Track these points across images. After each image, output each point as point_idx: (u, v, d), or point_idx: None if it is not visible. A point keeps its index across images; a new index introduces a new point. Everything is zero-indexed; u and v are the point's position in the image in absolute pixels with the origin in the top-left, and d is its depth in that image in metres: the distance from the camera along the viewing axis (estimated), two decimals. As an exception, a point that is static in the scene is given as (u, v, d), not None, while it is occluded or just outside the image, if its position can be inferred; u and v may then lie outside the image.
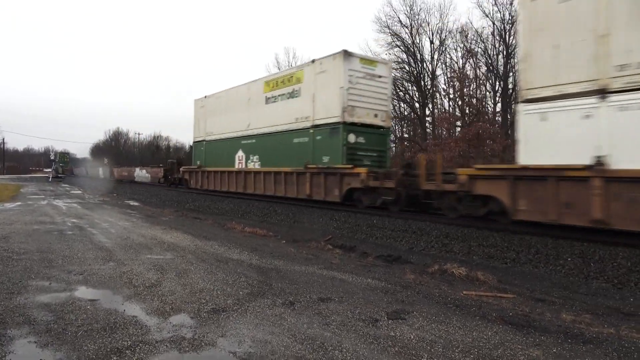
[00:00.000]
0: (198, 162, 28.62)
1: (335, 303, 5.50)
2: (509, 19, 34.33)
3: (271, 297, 5.65)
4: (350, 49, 17.35)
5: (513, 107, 36.36)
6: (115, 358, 3.67)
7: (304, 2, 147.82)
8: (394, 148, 46.53)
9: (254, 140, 22.61)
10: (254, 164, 22.11)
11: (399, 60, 40.30)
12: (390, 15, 40.87)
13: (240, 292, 5.83)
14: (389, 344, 4.19)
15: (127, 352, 3.80)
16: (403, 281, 6.89)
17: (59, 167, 70.55)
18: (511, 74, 34.87)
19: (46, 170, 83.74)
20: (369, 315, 5.06)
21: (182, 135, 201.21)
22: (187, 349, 3.92)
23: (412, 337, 4.39)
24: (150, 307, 5.08)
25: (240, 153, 23.43)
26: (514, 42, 34.22)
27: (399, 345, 4.15)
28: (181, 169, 32.51)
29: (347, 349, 4.01)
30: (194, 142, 29.86)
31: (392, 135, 46.39)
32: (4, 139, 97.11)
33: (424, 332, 4.53)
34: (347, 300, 5.62)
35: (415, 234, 11.69)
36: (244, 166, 23.07)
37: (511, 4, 33.98)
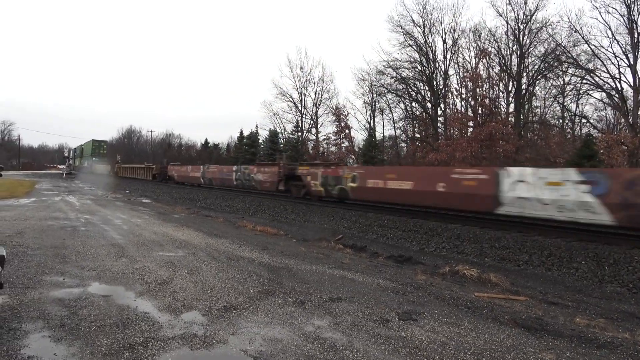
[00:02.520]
0: None
1: (346, 303, 5.48)
2: (523, 18, 33.92)
3: (282, 296, 5.65)
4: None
5: (526, 107, 35.99)
6: (127, 354, 3.70)
7: (316, 1, 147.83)
8: (405, 148, 46.37)
9: None
10: None
11: (411, 59, 40.05)
12: (403, 15, 40.52)
13: (251, 290, 5.85)
14: (400, 344, 4.17)
15: (139, 348, 3.82)
16: (414, 282, 6.86)
17: (92, 161, 64.26)
18: (524, 74, 34.52)
19: (60, 166, 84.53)
20: (379, 315, 5.04)
21: (193, 134, 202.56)
22: (199, 346, 3.93)
23: (423, 338, 4.36)
24: (162, 304, 5.11)
25: None
26: (528, 41, 33.90)
27: (410, 347, 4.13)
28: None
29: (358, 349, 4.00)
30: None
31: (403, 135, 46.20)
32: (19, 136, 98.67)
33: (435, 334, 4.50)
34: (358, 300, 5.60)
35: (427, 234, 11.63)
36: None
37: (525, 3, 33.56)
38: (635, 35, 27.50)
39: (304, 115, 52.73)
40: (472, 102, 36.94)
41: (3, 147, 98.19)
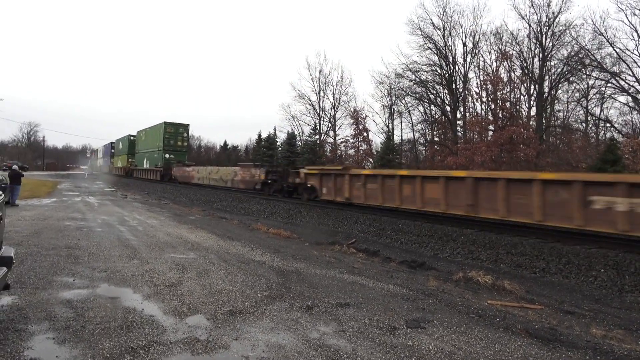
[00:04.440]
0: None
1: (354, 309, 5.39)
2: (545, 21, 33.30)
3: (289, 301, 5.59)
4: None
5: (549, 111, 35.30)
6: (129, 358, 3.68)
7: (335, 4, 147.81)
8: (423, 151, 45.96)
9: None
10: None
11: (431, 62, 39.67)
12: (422, 17, 40.11)
13: (259, 295, 5.80)
14: (406, 353, 4.06)
15: (141, 352, 3.80)
16: (425, 288, 6.72)
17: (166, 159, 38.78)
18: (547, 77, 33.86)
19: (82, 167, 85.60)
20: (387, 322, 4.93)
21: (213, 135, 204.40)
22: (200, 351, 3.90)
23: (430, 347, 4.24)
24: (168, 307, 5.09)
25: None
26: (550, 44, 33.26)
27: (416, 356, 4.02)
28: None
29: (362, 358, 3.91)
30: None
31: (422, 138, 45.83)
32: (44, 137, 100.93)
33: (443, 343, 4.38)
34: (366, 307, 5.50)
35: (441, 239, 11.44)
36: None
37: (548, 5, 32.95)
38: (662, 38, 26.75)
39: (322, 118, 52.77)
40: (493, 106, 36.38)
41: (29, 147, 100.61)
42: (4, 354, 3.61)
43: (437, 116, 42.88)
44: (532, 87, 35.41)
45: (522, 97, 37.03)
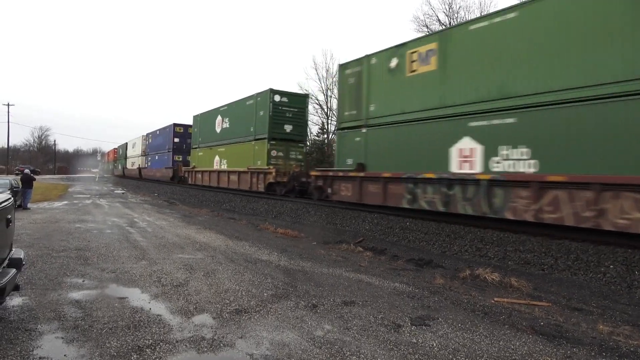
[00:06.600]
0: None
1: (359, 307, 5.42)
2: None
3: (294, 299, 5.63)
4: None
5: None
6: (135, 356, 3.74)
7: (341, 2, 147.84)
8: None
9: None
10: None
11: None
12: (428, 14, 40.11)
13: (265, 294, 5.85)
14: (410, 351, 4.08)
15: (147, 350, 3.86)
16: (432, 286, 6.73)
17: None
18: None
19: (93, 170, 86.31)
20: (392, 320, 4.95)
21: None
22: (206, 349, 3.95)
23: (434, 344, 4.26)
24: (175, 307, 5.16)
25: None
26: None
27: (419, 353, 4.04)
28: None
29: (366, 355, 3.93)
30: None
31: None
32: (55, 141, 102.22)
33: (447, 340, 4.39)
34: (371, 305, 5.53)
35: (449, 237, 11.40)
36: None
37: None
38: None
39: (329, 117, 52.61)
40: (501, 102, 36.12)
41: (40, 151, 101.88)
42: (14, 353, 3.69)
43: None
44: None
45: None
